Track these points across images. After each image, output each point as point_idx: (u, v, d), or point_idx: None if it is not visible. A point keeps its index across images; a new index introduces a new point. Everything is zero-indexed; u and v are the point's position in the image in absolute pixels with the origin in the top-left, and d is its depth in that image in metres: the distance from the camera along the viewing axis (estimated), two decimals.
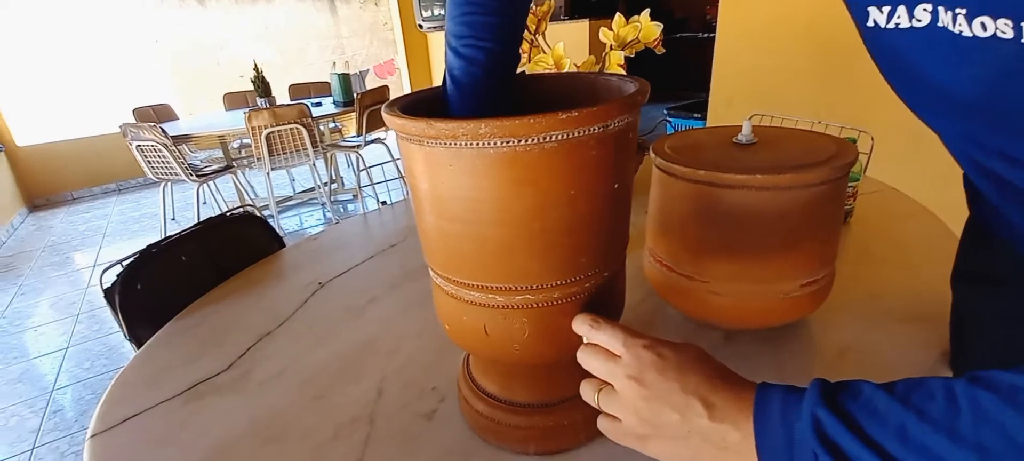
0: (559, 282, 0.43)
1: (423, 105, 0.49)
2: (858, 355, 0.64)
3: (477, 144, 0.37)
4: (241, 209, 1.12)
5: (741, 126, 0.64)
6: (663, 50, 0.95)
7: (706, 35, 3.47)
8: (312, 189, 3.83)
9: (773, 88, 2.19)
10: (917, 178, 1.23)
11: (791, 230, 0.55)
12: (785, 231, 0.55)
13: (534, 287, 0.42)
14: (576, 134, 0.37)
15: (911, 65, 0.34)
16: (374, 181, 1.52)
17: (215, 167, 3.06)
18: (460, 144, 0.37)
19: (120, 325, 0.86)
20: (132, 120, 2.94)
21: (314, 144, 2.95)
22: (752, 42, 2.22)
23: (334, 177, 3.77)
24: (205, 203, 3.59)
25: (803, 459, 0.30)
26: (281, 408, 0.64)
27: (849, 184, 0.88)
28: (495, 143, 0.36)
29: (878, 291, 0.76)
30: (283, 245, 1.15)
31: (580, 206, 0.40)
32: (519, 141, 0.36)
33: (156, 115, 3.49)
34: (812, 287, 0.60)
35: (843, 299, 0.73)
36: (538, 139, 0.36)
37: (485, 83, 0.47)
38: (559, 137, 0.36)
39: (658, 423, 0.35)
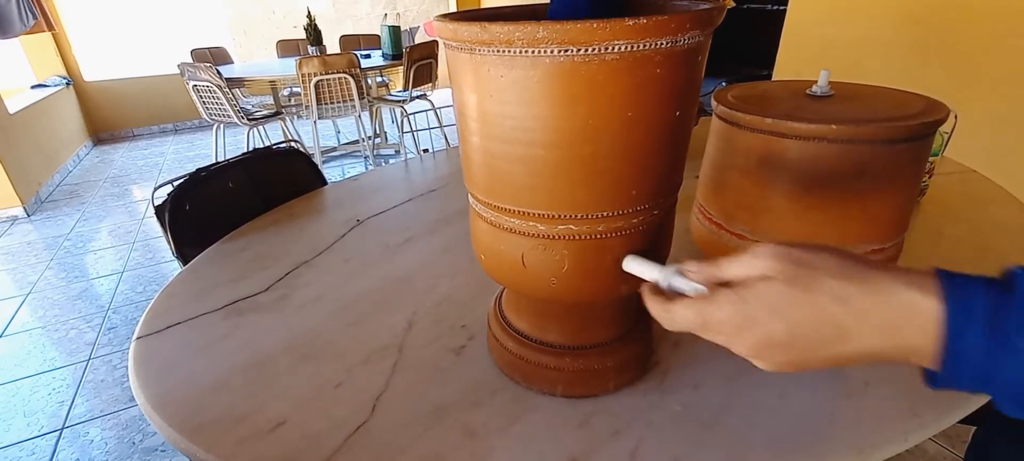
0: (605, 214, 0.40)
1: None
2: None
3: (533, 52, 0.34)
4: (287, 144, 1.14)
5: (815, 79, 0.59)
6: (733, 2, 0.88)
7: (776, 7, 3.25)
8: (356, 142, 3.88)
9: (849, 62, 2.03)
10: (1003, 168, 1.13)
11: (865, 190, 0.51)
12: (858, 191, 0.51)
13: (578, 217, 0.40)
14: (641, 47, 0.33)
15: None
16: (416, 128, 1.51)
17: (265, 112, 3.13)
18: (514, 51, 0.35)
19: (168, 242, 0.89)
20: (190, 61, 3.03)
21: (361, 95, 2.97)
22: (830, 10, 2.06)
23: (378, 131, 3.80)
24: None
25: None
26: (317, 331, 0.65)
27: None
28: (552, 51, 0.34)
29: None
30: (325, 182, 1.16)
31: (637, 132, 0.37)
32: (578, 50, 0.33)
33: (212, 57, 3.58)
34: (878, 255, 0.55)
35: None
36: (599, 49, 0.33)
37: None
38: (622, 48, 0.33)
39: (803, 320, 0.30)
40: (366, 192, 1.08)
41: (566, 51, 0.33)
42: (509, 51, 0.35)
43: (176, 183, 0.92)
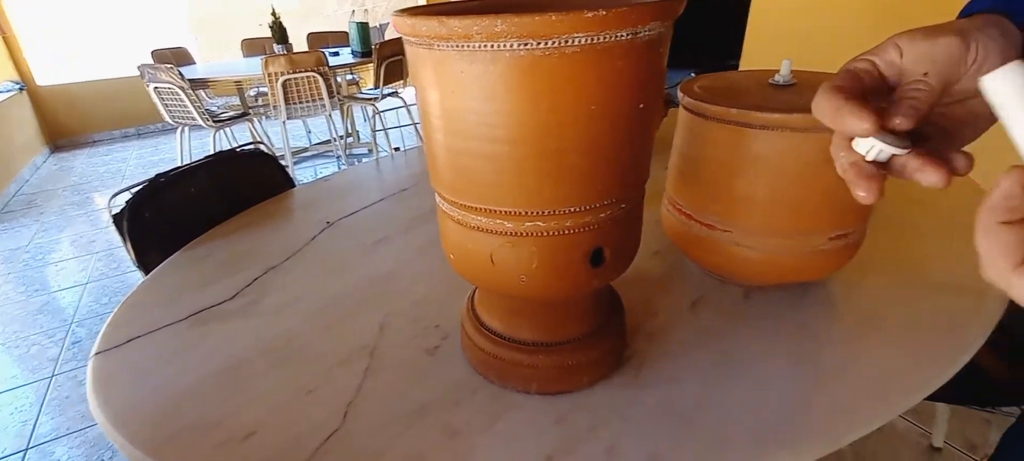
0: (572, 209, 0.40)
1: None
2: (884, 319, 0.61)
3: (492, 46, 0.33)
4: (252, 145, 1.11)
5: (778, 68, 0.60)
6: None
7: None
8: (328, 141, 3.80)
9: (816, 52, 2.07)
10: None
11: (828, 178, 0.51)
12: (822, 178, 0.51)
13: (545, 213, 0.40)
14: (601, 39, 0.33)
15: None
16: (387, 126, 1.49)
17: (232, 114, 3.05)
18: (474, 46, 0.34)
19: (128, 251, 0.85)
20: (150, 62, 2.92)
21: (331, 94, 2.91)
22: None
23: (350, 131, 3.74)
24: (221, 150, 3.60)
25: None
26: (289, 336, 0.63)
27: None
28: (512, 45, 0.33)
29: (911, 258, 0.72)
30: (293, 184, 1.13)
31: (600, 125, 0.37)
32: (538, 43, 0.33)
33: (174, 58, 3.46)
34: (842, 241, 0.56)
35: (870, 264, 0.70)
36: (559, 42, 0.33)
37: None
38: (582, 41, 0.33)
39: None
40: (337, 193, 1.06)
41: (526, 45, 0.33)
42: (468, 46, 0.34)
43: (134, 190, 0.89)
